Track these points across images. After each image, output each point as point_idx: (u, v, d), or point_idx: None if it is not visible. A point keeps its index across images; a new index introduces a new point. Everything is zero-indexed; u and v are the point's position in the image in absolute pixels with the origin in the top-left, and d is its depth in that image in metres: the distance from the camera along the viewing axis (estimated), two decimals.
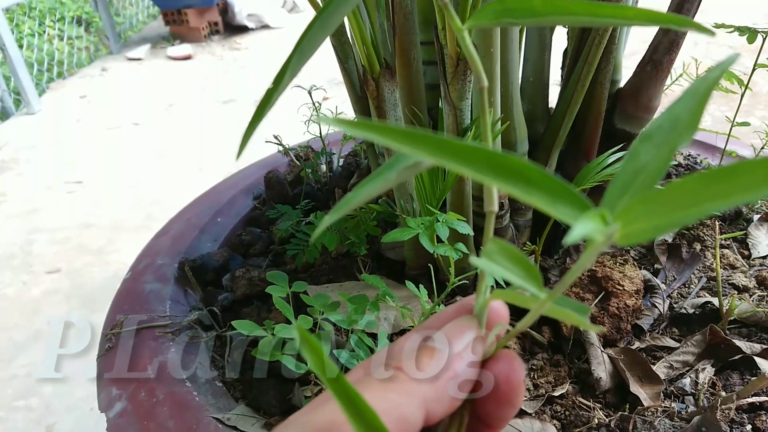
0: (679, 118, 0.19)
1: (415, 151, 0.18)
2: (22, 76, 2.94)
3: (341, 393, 0.21)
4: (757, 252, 0.77)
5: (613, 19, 0.21)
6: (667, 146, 0.19)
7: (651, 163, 0.19)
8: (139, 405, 0.60)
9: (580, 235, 0.16)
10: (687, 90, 0.19)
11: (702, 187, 0.16)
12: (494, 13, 0.24)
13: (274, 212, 0.79)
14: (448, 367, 0.26)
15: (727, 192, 0.16)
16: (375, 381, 0.26)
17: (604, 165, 0.70)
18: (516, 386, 0.27)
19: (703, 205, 0.16)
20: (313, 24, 0.24)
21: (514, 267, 0.22)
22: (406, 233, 0.52)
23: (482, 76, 0.26)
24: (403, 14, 0.61)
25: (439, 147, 0.18)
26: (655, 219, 0.17)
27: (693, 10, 0.71)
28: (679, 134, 0.19)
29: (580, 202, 0.18)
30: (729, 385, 0.59)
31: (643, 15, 0.21)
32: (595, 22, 0.22)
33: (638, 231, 0.17)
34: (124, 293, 0.76)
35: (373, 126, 0.18)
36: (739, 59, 0.20)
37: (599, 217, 0.17)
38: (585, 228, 0.17)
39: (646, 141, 0.19)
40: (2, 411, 1.31)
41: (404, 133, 0.18)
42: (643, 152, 0.19)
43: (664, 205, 0.17)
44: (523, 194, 0.18)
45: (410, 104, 0.66)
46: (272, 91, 0.24)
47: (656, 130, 0.19)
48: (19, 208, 2.15)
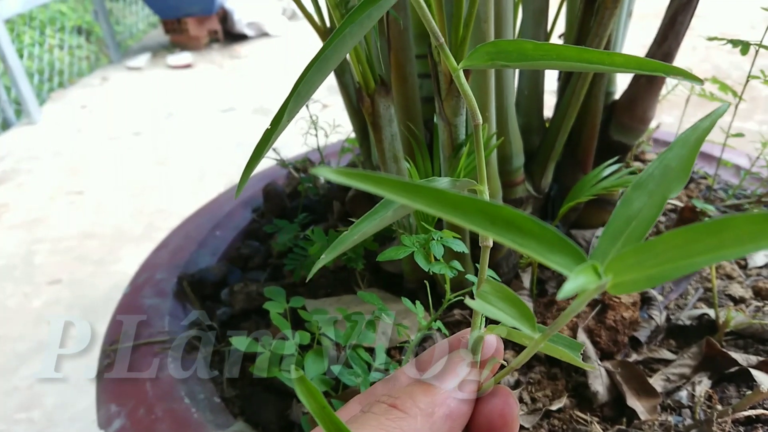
0: (670, 166, 0.20)
1: (411, 202, 0.18)
2: (23, 86, 2.95)
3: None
4: (753, 262, 0.77)
5: (601, 65, 0.22)
6: (658, 194, 0.19)
7: (643, 211, 0.19)
8: (138, 422, 0.60)
9: (572, 290, 0.17)
10: (678, 139, 0.20)
11: (692, 241, 0.17)
12: (487, 55, 0.25)
13: (272, 227, 0.79)
14: (442, 402, 0.26)
15: (716, 246, 0.16)
16: (371, 418, 0.26)
17: (600, 177, 0.71)
18: (510, 421, 0.28)
19: (693, 258, 0.17)
20: (309, 68, 0.25)
21: (507, 308, 0.22)
22: (402, 251, 0.52)
23: (477, 113, 0.27)
24: (398, 30, 0.61)
25: (435, 199, 0.18)
26: (646, 270, 0.17)
27: (686, 23, 0.71)
28: (670, 182, 0.19)
29: (573, 252, 0.19)
30: (725, 398, 0.59)
31: (631, 62, 0.22)
32: (584, 67, 0.22)
33: (630, 282, 0.17)
34: (123, 308, 0.77)
35: (370, 178, 0.18)
36: (738, 64, 0.21)
37: (591, 269, 0.18)
38: (578, 282, 0.17)
39: (638, 189, 0.20)
40: (4, 424, 1.31)
41: (400, 185, 0.18)
42: (636, 200, 0.20)
43: (655, 257, 0.17)
44: (517, 245, 0.18)
45: (406, 120, 0.66)
46: (270, 132, 0.24)
47: (648, 178, 0.20)
48: (21, 218, 2.16)
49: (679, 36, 0.71)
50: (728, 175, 0.94)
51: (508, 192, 0.74)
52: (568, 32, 0.78)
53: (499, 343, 0.29)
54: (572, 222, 0.83)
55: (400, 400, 0.27)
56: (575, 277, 0.18)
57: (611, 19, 0.65)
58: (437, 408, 0.26)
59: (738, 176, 0.92)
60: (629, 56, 0.22)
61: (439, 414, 0.26)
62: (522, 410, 0.60)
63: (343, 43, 0.29)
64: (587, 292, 0.18)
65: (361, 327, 0.56)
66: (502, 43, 0.25)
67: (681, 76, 0.22)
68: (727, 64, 2.78)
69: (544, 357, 0.65)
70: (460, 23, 0.52)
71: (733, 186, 0.91)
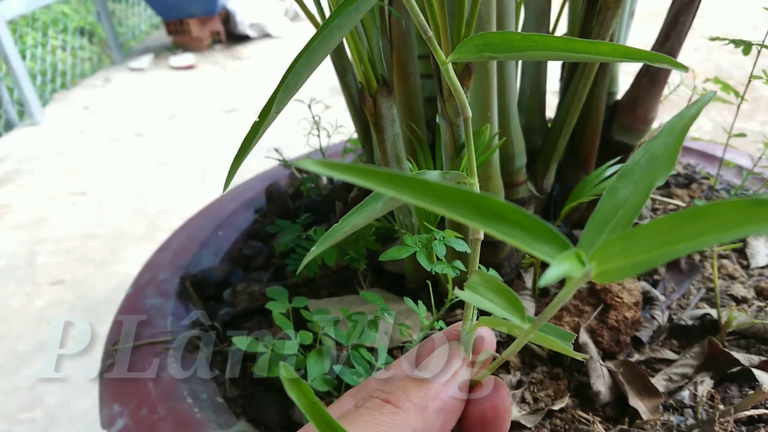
0: (657, 154, 0.20)
1: (396, 193, 0.18)
2: (26, 87, 2.96)
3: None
4: (756, 262, 0.77)
5: (587, 54, 0.22)
6: (645, 182, 0.19)
7: (630, 200, 0.19)
8: (141, 422, 0.60)
9: (555, 276, 0.17)
10: (664, 127, 0.20)
11: (676, 227, 0.17)
12: (475, 47, 0.25)
13: (275, 227, 0.79)
14: (435, 396, 0.27)
15: (699, 232, 0.16)
16: (364, 413, 0.26)
17: (602, 178, 0.71)
18: (503, 413, 0.28)
19: (678, 244, 0.17)
20: (297, 60, 0.25)
21: (497, 298, 0.23)
22: (404, 251, 0.52)
23: (466, 107, 0.27)
24: (400, 30, 0.62)
25: (420, 190, 0.18)
26: (631, 257, 0.17)
27: (688, 23, 0.71)
28: (656, 171, 0.19)
29: (558, 240, 0.19)
30: (728, 398, 0.59)
31: (617, 51, 0.22)
32: (571, 57, 0.22)
33: (615, 269, 0.17)
34: (125, 308, 0.77)
35: (355, 169, 0.18)
36: (740, 64, 0.21)
37: (575, 257, 0.18)
38: (561, 269, 0.17)
39: (624, 177, 0.20)
40: (6, 424, 1.31)
41: (385, 176, 0.19)
42: (622, 188, 0.20)
43: (641, 244, 0.17)
44: (501, 234, 0.18)
45: (408, 120, 0.66)
46: (258, 124, 0.24)
47: (634, 167, 0.20)
48: (23, 219, 2.16)
49: (681, 36, 0.71)
50: (730, 176, 0.94)
51: (510, 192, 0.74)
52: (570, 32, 0.78)
53: (491, 335, 0.29)
54: (575, 222, 0.83)
55: (393, 395, 0.27)
56: (558, 264, 0.18)
57: (613, 19, 0.65)
58: (430, 402, 0.26)
59: (740, 176, 0.92)
60: (615, 45, 0.22)
61: (433, 408, 0.26)
62: (524, 410, 0.60)
63: (330, 35, 0.29)
64: (574, 280, 0.18)
65: (362, 327, 0.56)
66: (490, 35, 0.25)
67: (667, 64, 0.22)
68: (729, 64, 2.78)
69: (546, 357, 0.65)
70: (462, 23, 0.52)
71: (735, 186, 0.91)
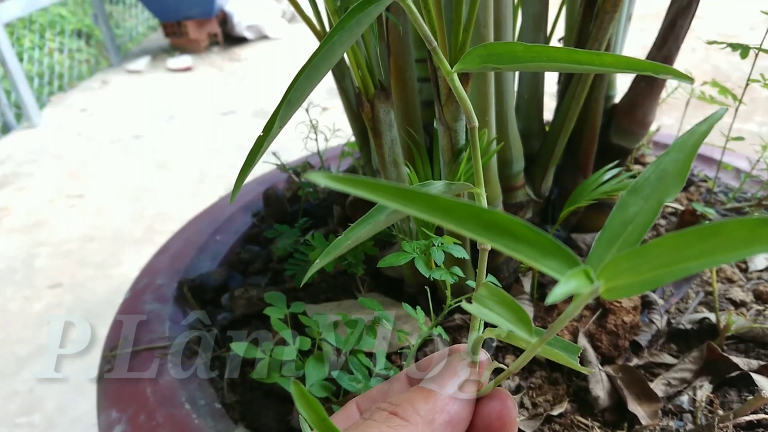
0: (667, 170, 0.20)
1: (404, 208, 0.18)
2: (23, 89, 2.96)
3: None
4: (754, 265, 0.77)
5: (591, 66, 0.22)
6: (654, 198, 0.19)
7: (639, 216, 0.19)
8: (139, 428, 0.60)
9: (564, 293, 0.17)
10: (675, 143, 0.20)
11: (686, 245, 0.17)
12: (479, 58, 0.25)
13: (273, 231, 0.79)
14: (442, 409, 0.27)
15: (709, 251, 0.16)
16: (372, 426, 0.26)
17: (600, 181, 0.71)
18: (508, 424, 0.28)
19: (687, 262, 0.17)
20: (299, 76, 0.25)
21: (504, 312, 0.22)
22: (402, 258, 0.52)
23: (473, 116, 0.27)
24: (397, 35, 0.61)
25: (429, 205, 0.18)
26: (639, 275, 0.17)
27: (686, 26, 0.71)
28: (667, 187, 0.19)
29: (566, 256, 0.19)
30: (727, 402, 0.59)
31: (621, 62, 0.22)
32: (575, 68, 0.22)
33: (623, 287, 0.17)
34: (123, 313, 0.77)
35: (363, 183, 0.18)
36: (738, 65, 0.21)
37: (584, 274, 0.18)
38: (569, 286, 0.17)
39: (634, 193, 0.20)
40: (5, 427, 1.31)
41: (393, 190, 0.18)
42: (632, 204, 0.20)
43: (649, 261, 0.17)
44: (510, 250, 0.18)
45: (406, 124, 0.66)
46: (262, 139, 0.24)
47: (644, 183, 0.20)
48: (21, 222, 2.16)
49: (679, 39, 0.71)
50: (728, 178, 0.94)
51: (508, 196, 0.74)
52: (568, 36, 0.78)
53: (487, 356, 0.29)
54: (573, 226, 0.83)
55: (400, 407, 0.27)
56: (566, 281, 0.18)
57: (611, 23, 0.65)
58: (437, 415, 0.26)
59: (738, 179, 0.92)
60: (619, 56, 0.22)
61: (440, 421, 0.26)
62: (523, 415, 0.60)
63: (332, 50, 0.29)
64: (581, 296, 0.18)
65: (361, 332, 0.56)
66: (493, 45, 0.25)
67: (671, 75, 0.22)
68: (726, 65, 2.78)
69: (545, 362, 0.65)
70: (460, 28, 0.52)
71: (733, 189, 0.91)
